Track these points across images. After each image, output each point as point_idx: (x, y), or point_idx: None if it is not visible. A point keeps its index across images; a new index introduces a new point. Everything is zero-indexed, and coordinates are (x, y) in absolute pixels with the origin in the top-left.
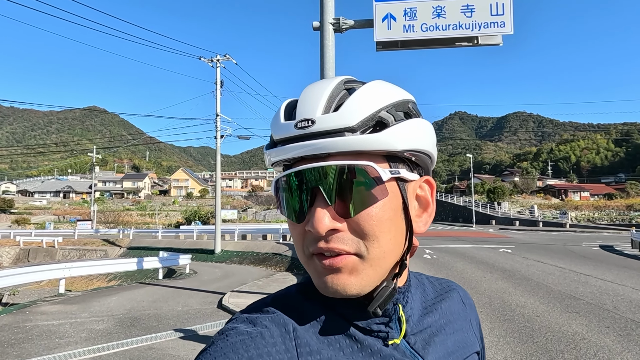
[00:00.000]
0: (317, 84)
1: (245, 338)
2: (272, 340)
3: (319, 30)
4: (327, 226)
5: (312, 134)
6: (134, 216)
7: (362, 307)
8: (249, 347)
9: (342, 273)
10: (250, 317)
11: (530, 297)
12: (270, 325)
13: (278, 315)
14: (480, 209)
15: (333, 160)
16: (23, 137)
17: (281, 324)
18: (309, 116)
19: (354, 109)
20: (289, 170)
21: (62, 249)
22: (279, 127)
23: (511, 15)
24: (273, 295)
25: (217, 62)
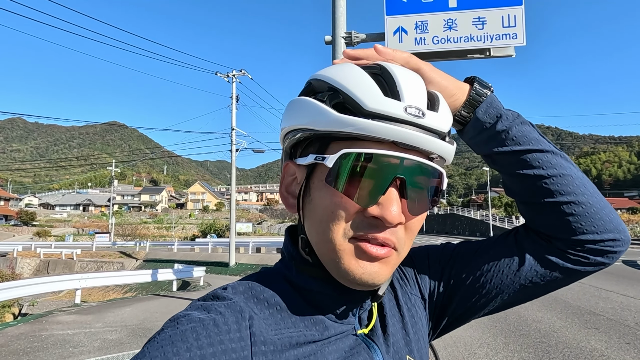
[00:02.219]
0: (406, 71)
1: (197, 325)
2: (226, 327)
3: (331, 44)
4: (398, 218)
5: (419, 126)
6: (150, 229)
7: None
8: (200, 335)
9: (379, 263)
10: (205, 304)
11: (547, 312)
12: (225, 312)
13: (234, 302)
14: (497, 223)
15: (421, 157)
16: (46, 151)
17: (237, 311)
18: (420, 106)
19: (447, 116)
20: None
21: (80, 261)
22: (376, 100)
23: (523, 26)
24: (233, 283)
25: (233, 77)
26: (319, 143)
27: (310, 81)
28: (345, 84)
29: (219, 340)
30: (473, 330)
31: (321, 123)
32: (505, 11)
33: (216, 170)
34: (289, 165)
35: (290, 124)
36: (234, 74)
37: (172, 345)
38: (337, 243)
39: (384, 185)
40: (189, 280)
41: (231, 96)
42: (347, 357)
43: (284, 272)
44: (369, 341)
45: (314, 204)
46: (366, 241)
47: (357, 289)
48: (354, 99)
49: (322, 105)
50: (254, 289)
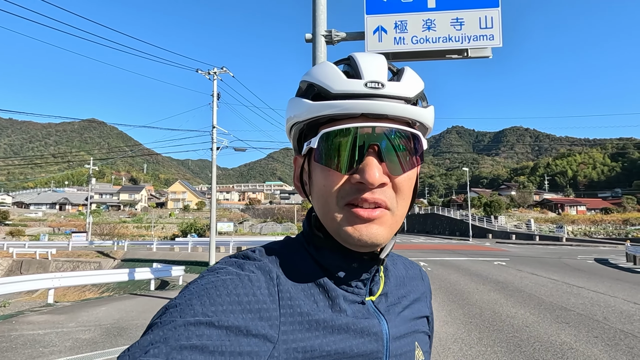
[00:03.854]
0: (370, 55)
1: (234, 278)
2: (258, 284)
3: (311, 42)
4: (379, 179)
5: (381, 95)
6: (129, 228)
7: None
8: (237, 285)
9: (375, 224)
10: (239, 261)
11: (521, 308)
12: (257, 271)
13: (264, 263)
14: (477, 222)
15: (393, 123)
16: (21, 148)
17: (266, 271)
18: (379, 79)
19: (411, 83)
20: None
21: (56, 260)
22: (340, 83)
23: (500, 28)
24: (260, 247)
25: (214, 74)
26: (310, 132)
27: (299, 84)
28: (317, 77)
29: (253, 292)
30: (448, 326)
31: (304, 113)
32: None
33: (197, 169)
34: (297, 158)
35: (287, 123)
36: (215, 71)
37: (216, 289)
38: (334, 212)
39: (361, 153)
40: (167, 280)
41: (212, 94)
42: (355, 323)
43: (303, 243)
44: (375, 309)
45: (313, 183)
46: (359, 206)
47: (362, 251)
48: (323, 87)
49: (303, 99)
50: (278, 253)
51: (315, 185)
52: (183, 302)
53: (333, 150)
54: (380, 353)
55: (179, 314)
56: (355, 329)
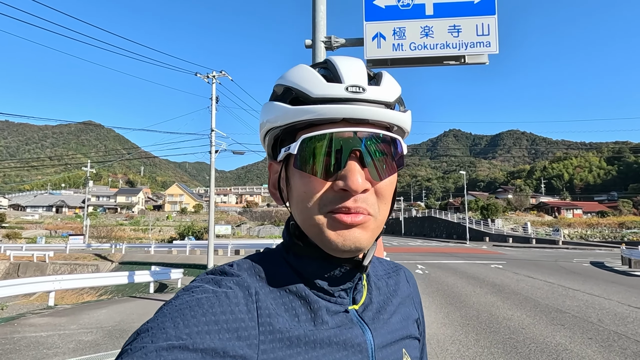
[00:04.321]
0: (348, 58)
1: (211, 296)
2: (236, 300)
3: (311, 48)
4: (363, 185)
5: (362, 100)
6: (127, 231)
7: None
8: (214, 304)
9: (358, 229)
10: (216, 278)
11: (517, 311)
12: (235, 287)
13: (242, 279)
14: (474, 225)
15: (374, 128)
16: (17, 151)
17: (244, 287)
18: (359, 83)
19: (390, 88)
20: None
21: (53, 263)
22: (320, 87)
23: (496, 35)
24: (238, 260)
25: (213, 78)
26: (287, 137)
27: (274, 88)
28: (295, 80)
29: (231, 310)
30: (446, 328)
31: (282, 118)
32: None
33: (194, 171)
34: (272, 164)
35: (262, 129)
36: (214, 75)
37: (190, 310)
38: (316, 218)
39: (343, 159)
40: (166, 283)
41: (211, 97)
42: (338, 334)
43: (283, 254)
44: (359, 318)
45: (292, 189)
46: (341, 212)
47: (344, 257)
48: (302, 91)
49: (280, 104)
50: (256, 267)
51: (295, 192)
52: (155, 326)
53: (314, 157)
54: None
55: (150, 339)
56: (338, 341)
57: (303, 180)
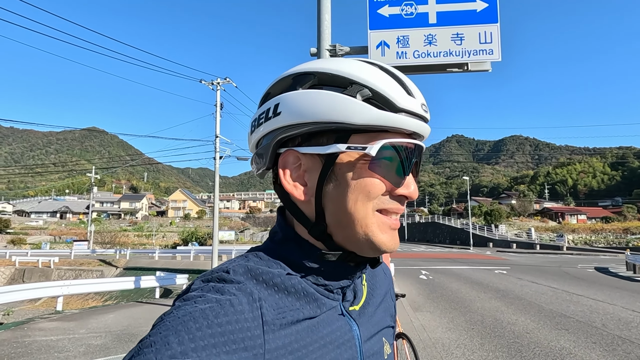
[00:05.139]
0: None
1: (215, 305)
2: (241, 307)
3: (316, 56)
4: (417, 194)
5: (426, 119)
6: (130, 237)
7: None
8: (218, 314)
9: (395, 232)
10: (216, 286)
11: (521, 315)
12: (238, 294)
13: (243, 285)
14: (477, 231)
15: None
16: (22, 157)
17: (247, 293)
18: (425, 103)
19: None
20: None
21: (58, 269)
22: (404, 99)
23: (499, 43)
24: (230, 265)
25: (218, 85)
26: (334, 135)
27: (314, 73)
28: (373, 81)
29: (236, 319)
30: (451, 332)
31: (359, 118)
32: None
33: (198, 177)
34: (290, 154)
35: (302, 118)
36: (218, 81)
37: (195, 322)
38: (368, 218)
39: (408, 168)
40: (171, 288)
41: (215, 104)
42: (334, 332)
43: (280, 252)
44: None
45: (346, 187)
46: (386, 214)
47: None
48: (387, 97)
49: (358, 102)
50: (253, 270)
51: (352, 190)
52: (159, 340)
53: (389, 162)
54: (355, 359)
55: (154, 355)
56: (334, 339)
57: (371, 181)
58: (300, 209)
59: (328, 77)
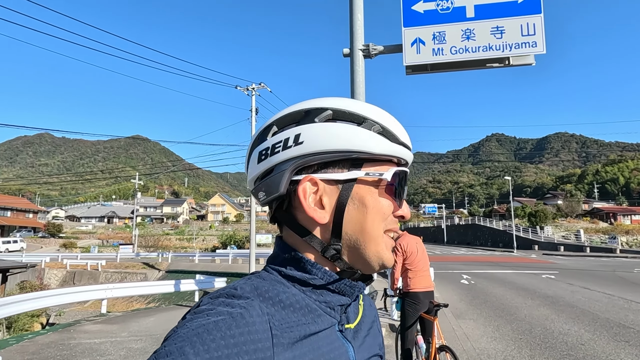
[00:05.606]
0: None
1: (227, 318)
2: (252, 320)
3: (349, 57)
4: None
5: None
6: (172, 240)
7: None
8: (231, 326)
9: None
10: (226, 300)
11: (574, 325)
12: (248, 307)
13: (252, 300)
14: (521, 233)
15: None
16: (72, 165)
17: (257, 307)
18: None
19: None
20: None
21: (105, 271)
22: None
23: (543, 34)
24: (237, 284)
25: (253, 90)
26: (349, 162)
27: (329, 108)
28: (380, 118)
29: (248, 331)
30: (497, 342)
31: (377, 148)
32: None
33: (235, 182)
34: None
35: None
36: (253, 87)
37: (209, 333)
38: (380, 239)
39: (403, 191)
40: (210, 291)
41: (251, 109)
42: (332, 351)
43: (283, 273)
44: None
45: (365, 209)
46: (388, 234)
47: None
48: (393, 132)
49: (375, 135)
50: (259, 288)
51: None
52: (175, 350)
53: (396, 187)
54: None
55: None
56: (332, 358)
57: (384, 203)
58: (312, 232)
59: (342, 113)
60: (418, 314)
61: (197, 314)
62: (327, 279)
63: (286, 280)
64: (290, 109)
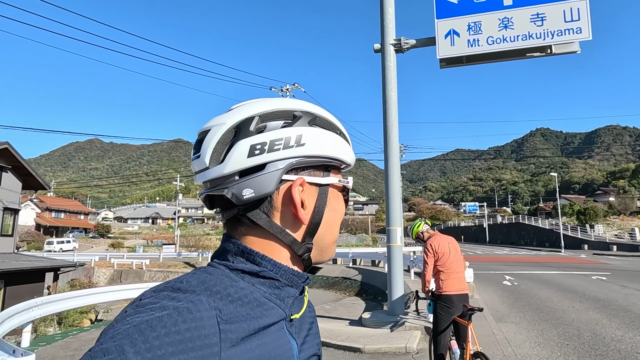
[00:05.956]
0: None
1: (172, 312)
2: (199, 314)
3: (380, 52)
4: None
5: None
6: (212, 240)
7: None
8: (177, 321)
9: None
10: (171, 294)
11: (628, 331)
12: (196, 301)
13: (199, 294)
14: (569, 232)
15: None
16: (120, 168)
17: (204, 301)
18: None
19: None
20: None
21: (149, 270)
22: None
23: (588, 19)
24: (184, 277)
25: (287, 91)
26: (322, 169)
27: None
28: (344, 131)
29: (195, 326)
30: (541, 348)
31: (349, 159)
32: (567, 5)
33: None
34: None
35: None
36: (287, 87)
37: (152, 329)
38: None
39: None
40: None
41: None
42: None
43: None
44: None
45: (334, 212)
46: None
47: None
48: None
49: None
50: (206, 282)
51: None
52: (113, 349)
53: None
54: None
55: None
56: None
57: (343, 207)
58: (289, 232)
59: (325, 123)
60: (451, 317)
61: (140, 308)
62: (277, 270)
63: (234, 273)
64: (273, 106)
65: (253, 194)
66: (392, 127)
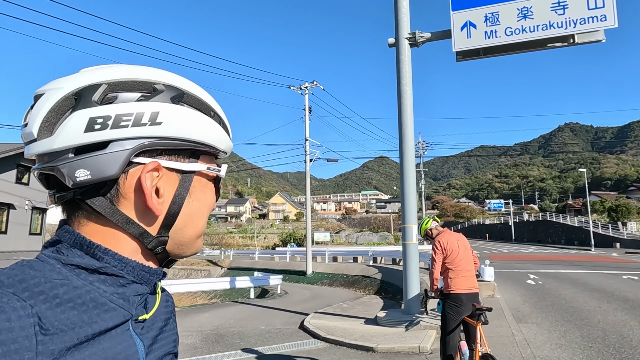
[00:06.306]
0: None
1: None
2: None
3: (395, 47)
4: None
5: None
6: (235, 239)
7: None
8: None
9: None
10: None
11: None
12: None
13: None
14: (600, 230)
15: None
16: None
17: (17, 306)
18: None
19: None
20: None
21: (173, 268)
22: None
23: (614, 6)
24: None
25: (305, 89)
26: (187, 154)
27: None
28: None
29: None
30: (562, 350)
31: (224, 145)
32: None
33: (296, 181)
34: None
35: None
36: (306, 86)
37: None
38: (202, 233)
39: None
40: (267, 288)
41: (304, 107)
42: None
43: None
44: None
45: (199, 202)
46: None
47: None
48: (227, 127)
49: (221, 129)
50: (26, 280)
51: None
52: None
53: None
54: None
55: None
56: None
57: (214, 198)
58: (138, 222)
59: (195, 101)
60: (460, 317)
61: None
62: (122, 266)
63: (67, 269)
64: (129, 74)
65: (89, 176)
66: (407, 123)
